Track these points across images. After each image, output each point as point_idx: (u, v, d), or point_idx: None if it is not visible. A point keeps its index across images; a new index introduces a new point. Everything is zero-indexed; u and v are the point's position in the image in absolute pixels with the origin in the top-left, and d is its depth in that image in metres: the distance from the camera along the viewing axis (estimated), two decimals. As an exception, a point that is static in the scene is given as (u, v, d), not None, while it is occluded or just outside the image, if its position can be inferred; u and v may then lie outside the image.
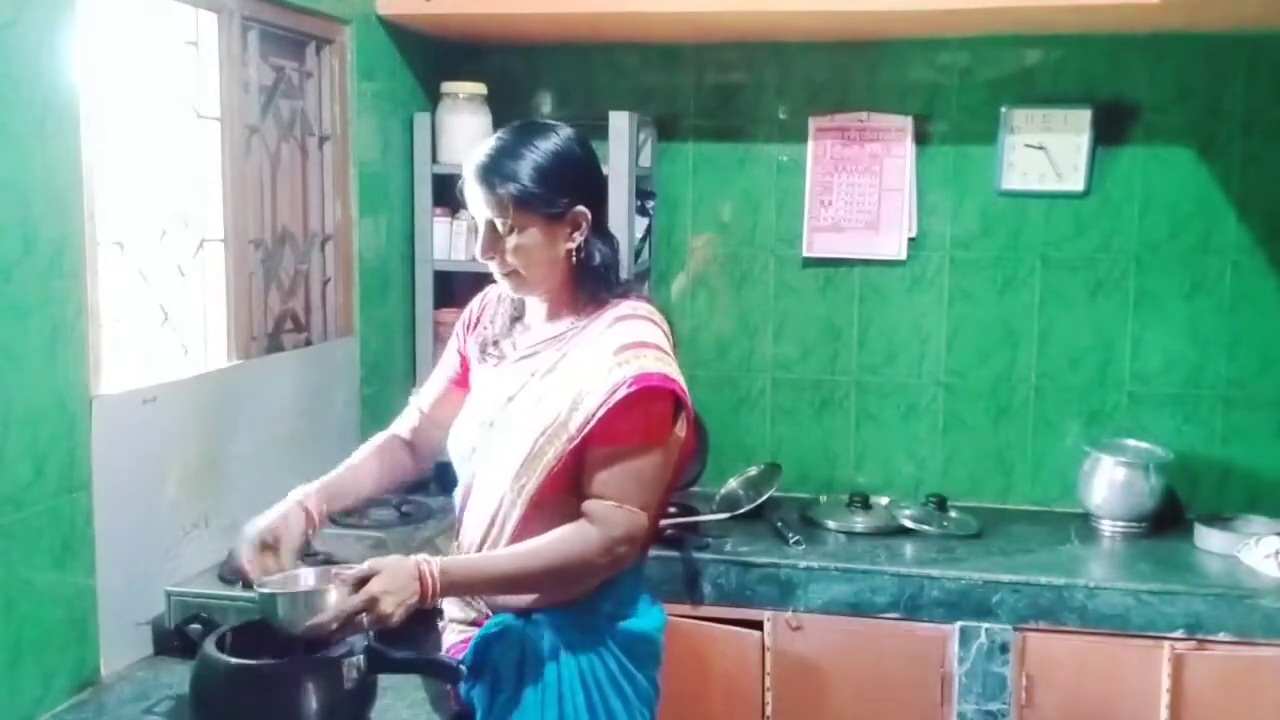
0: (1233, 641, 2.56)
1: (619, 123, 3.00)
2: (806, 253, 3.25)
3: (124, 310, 2.21)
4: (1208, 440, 3.11)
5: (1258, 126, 3.01)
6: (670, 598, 2.63)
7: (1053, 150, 3.08)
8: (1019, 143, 3.10)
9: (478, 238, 1.80)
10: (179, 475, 2.21)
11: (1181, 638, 2.58)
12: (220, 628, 1.81)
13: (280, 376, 2.58)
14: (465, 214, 1.85)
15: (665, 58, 3.27)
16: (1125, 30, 3.00)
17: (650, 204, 3.27)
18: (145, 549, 2.12)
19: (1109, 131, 3.07)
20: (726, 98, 3.27)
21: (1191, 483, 3.10)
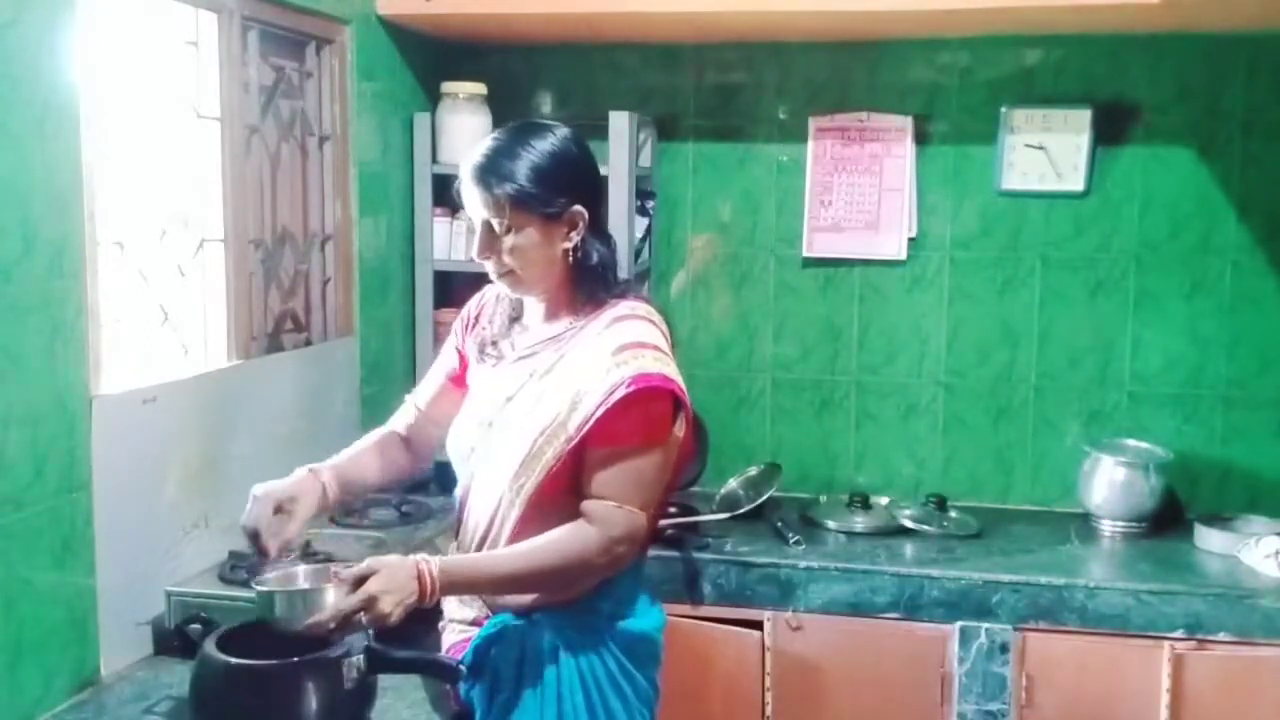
0: (1233, 641, 2.56)
1: (619, 123, 3.00)
2: (806, 253, 3.25)
3: (124, 310, 2.21)
4: (1208, 440, 3.11)
5: (1258, 126, 3.01)
6: (670, 598, 2.63)
7: (1053, 150, 3.08)
8: (1019, 143, 3.10)
9: (475, 238, 1.80)
10: (179, 475, 2.21)
11: (1181, 638, 2.58)
12: (220, 628, 1.80)
13: (280, 376, 2.58)
14: (465, 214, 1.84)
15: (665, 58, 3.27)
16: (1125, 30, 3.00)
17: (650, 204, 3.27)
18: (145, 549, 2.12)
19: (1109, 131, 3.07)
20: (726, 98, 3.27)
21: (1191, 483, 3.10)
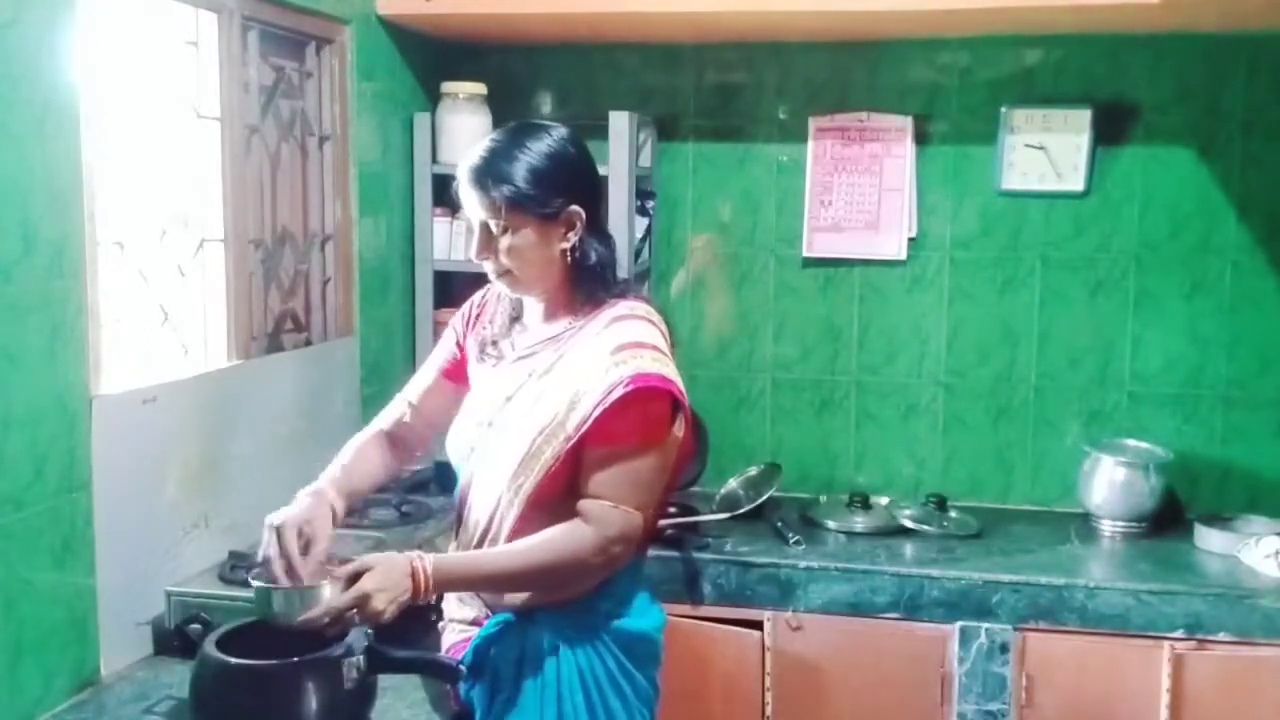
0: (1233, 641, 2.56)
1: (619, 123, 3.00)
2: (806, 253, 3.25)
3: (124, 310, 2.21)
4: (1208, 440, 3.11)
5: (1258, 126, 3.01)
6: (670, 598, 2.63)
7: (1053, 150, 3.08)
8: (1019, 143, 3.10)
9: (472, 239, 1.80)
10: (179, 475, 2.21)
11: (1181, 638, 2.58)
12: (220, 628, 1.80)
13: (280, 376, 2.58)
14: (464, 214, 1.84)
15: (665, 58, 3.27)
16: (1125, 30, 3.00)
17: (650, 204, 3.27)
18: (145, 549, 2.12)
19: (1109, 131, 3.07)
20: (726, 98, 3.27)
21: (1191, 483, 3.10)
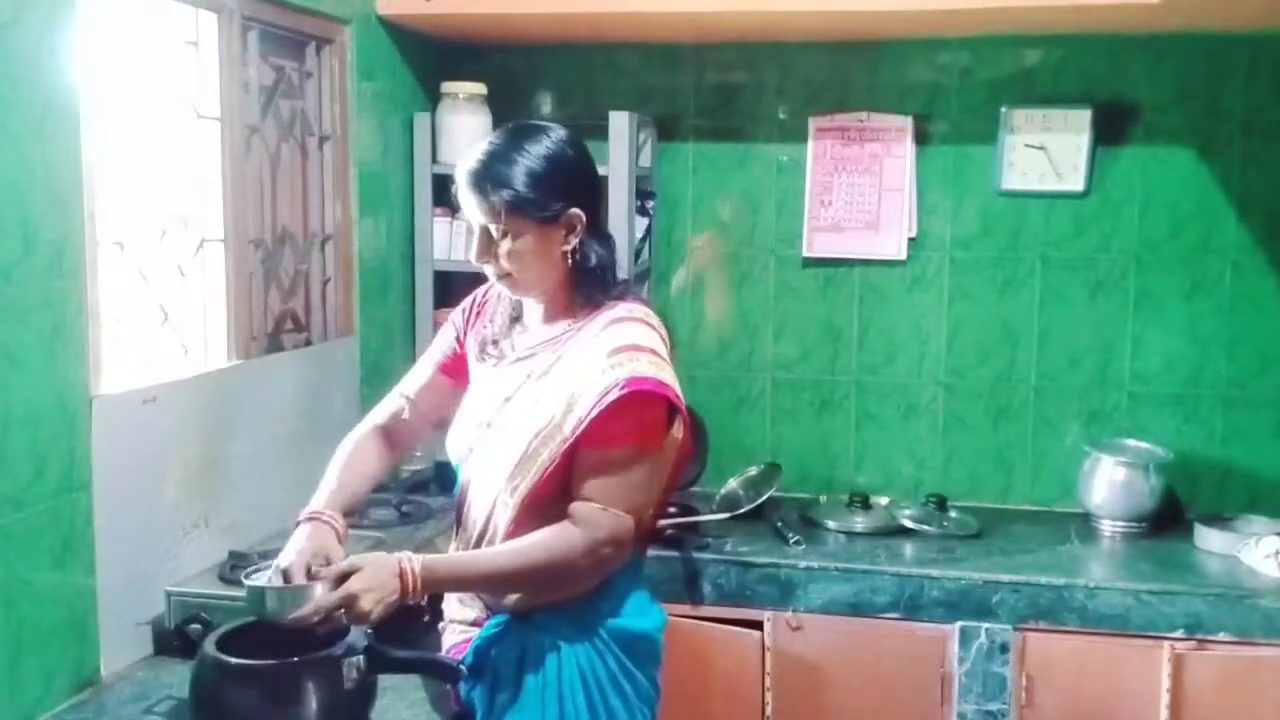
0: (1233, 641, 2.56)
1: (619, 123, 3.00)
2: (806, 253, 3.25)
3: (124, 310, 2.21)
4: (1208, 440, 3.11)
5: (1258, 126, 3.01)
6: (670, 598, 2.63)
7: (1053, 150, 3.08)
8: (1019, 143, 3.10)
9: (472, 242, 1.80)
10: (179, 475, 2.21)
11: (1181, 638, 2.58)
12: (220, 628, 1.80)
13: (280, 376, 2.58)
14: (464, 216, 1.85)
15: (665, 58, 3.27)
16: (1125, 30, 3.00)
17: (650, 204, 3.27)
18: (145, 549, 2.12)
19: (1109, 131, 3.07)
20: (726, 98, 3.27)
21: (1191, 483, 3.10)
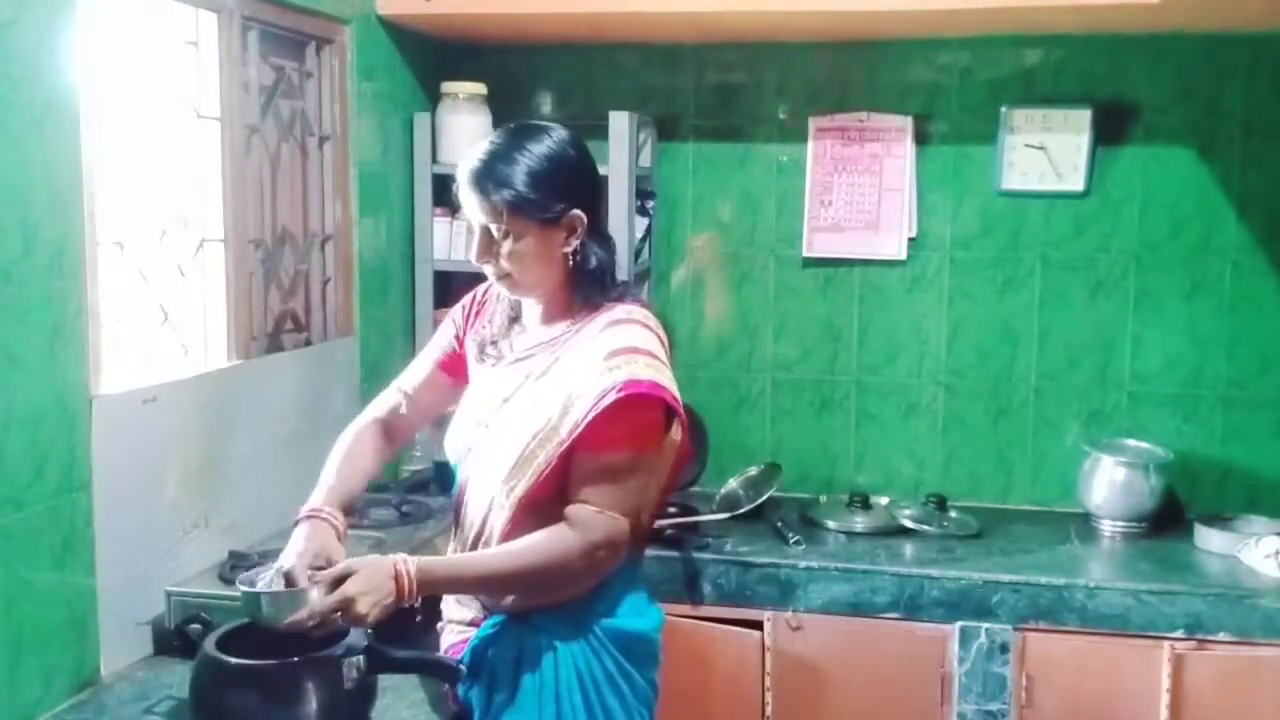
0: (1233, 641, 2.56)
1: (619, 123, 3.00)
2: (806, 253, 3.25)
3: (124, 310, 2.21)
4: (1208, 440, 3.11)
5: (1258, 126, 3.01)
6: (670, 598, 2.64)
7: (1053, 150, 3.08)
8: (1019, 143, 3.10)
9: (472, 242, 1.79)
10: (179, 475, 2.21)
11: (1181, 638, 2.58)
12: (220, 628, 1.80)
13: (280, 376, 2.58)
14: (464, 215, 1.84)
15: (665, 58, 3.27)
16: (1125, 30, 3.00)
17: (650, 204, 3.27)
18: (145, 549, 2.12)
19: (1109, 131, 3.07)
20: (726, 98, 3.27)
21: (1191, 483, 3.10)
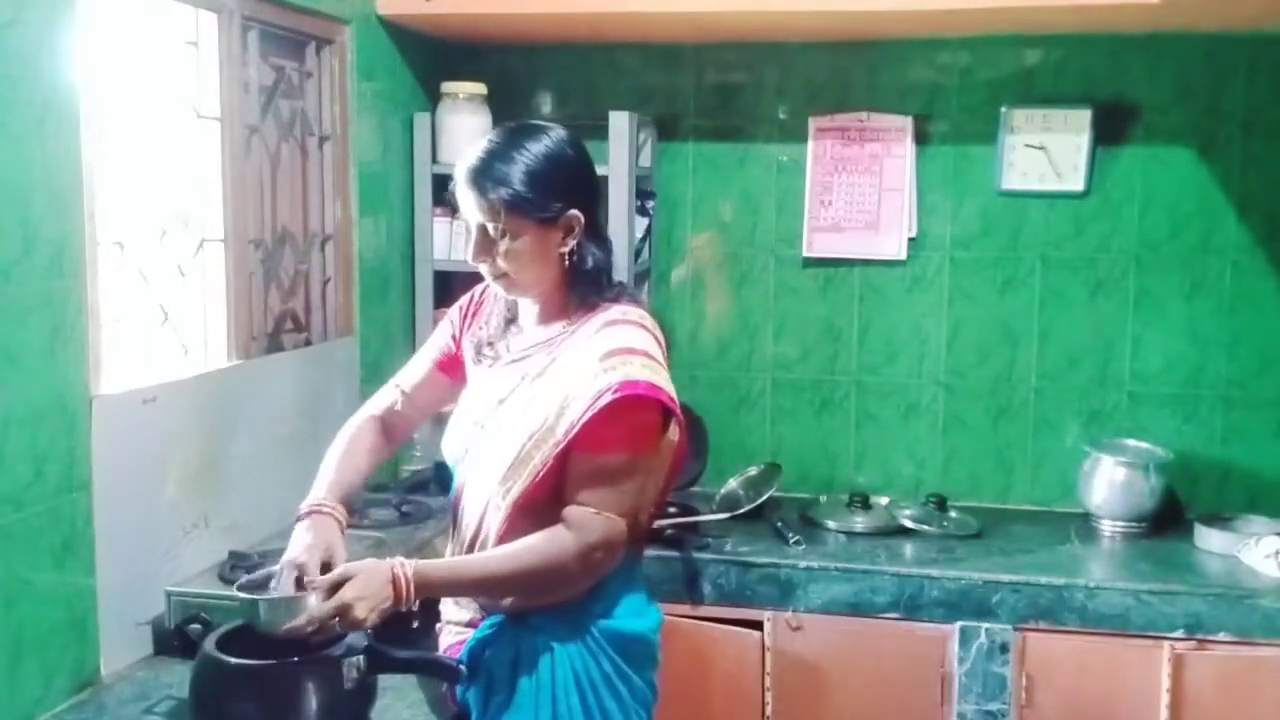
0: (1233, 641, 2.56)
1: (619, 123, 3.00)
2: (806, 253, 3.25)
3: (124, 310, 2.21)
4: (1208, 440, 3.11)
5: (1258, 126, 3.01)
6: (670, 598, 2.64)
7: (1053, 150, 3.08)
8: (1019, 143, 3.10)
9: (469, 241, 1.79)
10: (179, 475, 2.21)
11: (1181, 638, 2.58)
12: (220, 628, 1.80)
13: (280, 376, 2.58)
14: (461, 215, 1.84)
15: (665, 58, 3.27)
16: (1125, 30, 3.00)
17: (650, 204, 3.27)
18: (145, 549, 2.12)
19: (1109, 131, 3.07)
20: (726, 98, 3.27)
21: (1191, 483, 3.10)
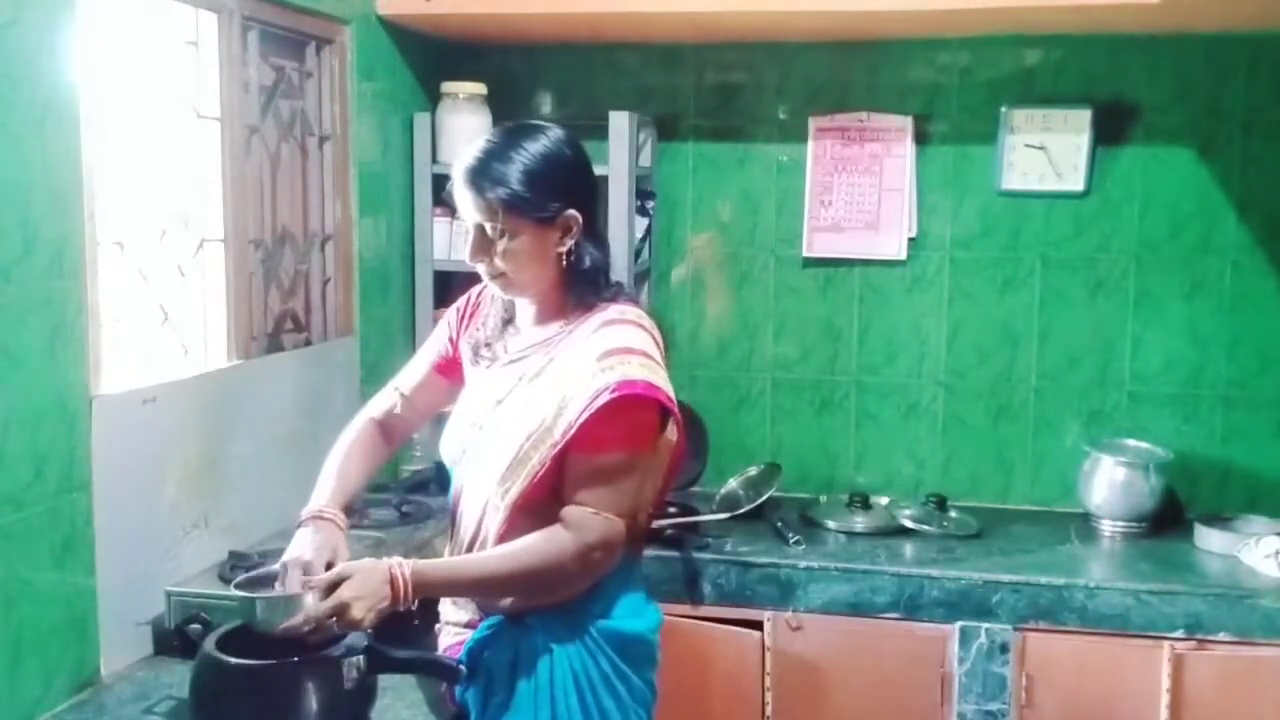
0: (1233, 641, 2.56)
1: (619, 123, 3.00)
2: (806, 253, 3.25)
3: (124, 310, 2.21)
4: (1208, 440, 3.11)
5: (1258, 126, 3.01)
6: (670, 598, 2.64)
7: (1053, 150, 3.08)
8: (1019, 143, 3.10)
9: (467, 241, 1.79)
10: (179, 475, 2.21)
11: (1181, 638, 2.58)
12: (220, 628, 1.80)
13: (280, 376, 2.58)
14: (459, 213, 1.84)
15: (665, 58, 3.27)
16: (1125, 30, 3.00)
17: (650, 204, 3.27)
18: (145, 549, 2.12)
19: (1109, 131, 3.07)
20: (726, 98, 3.27)
21: (1191, 483, 3.10)
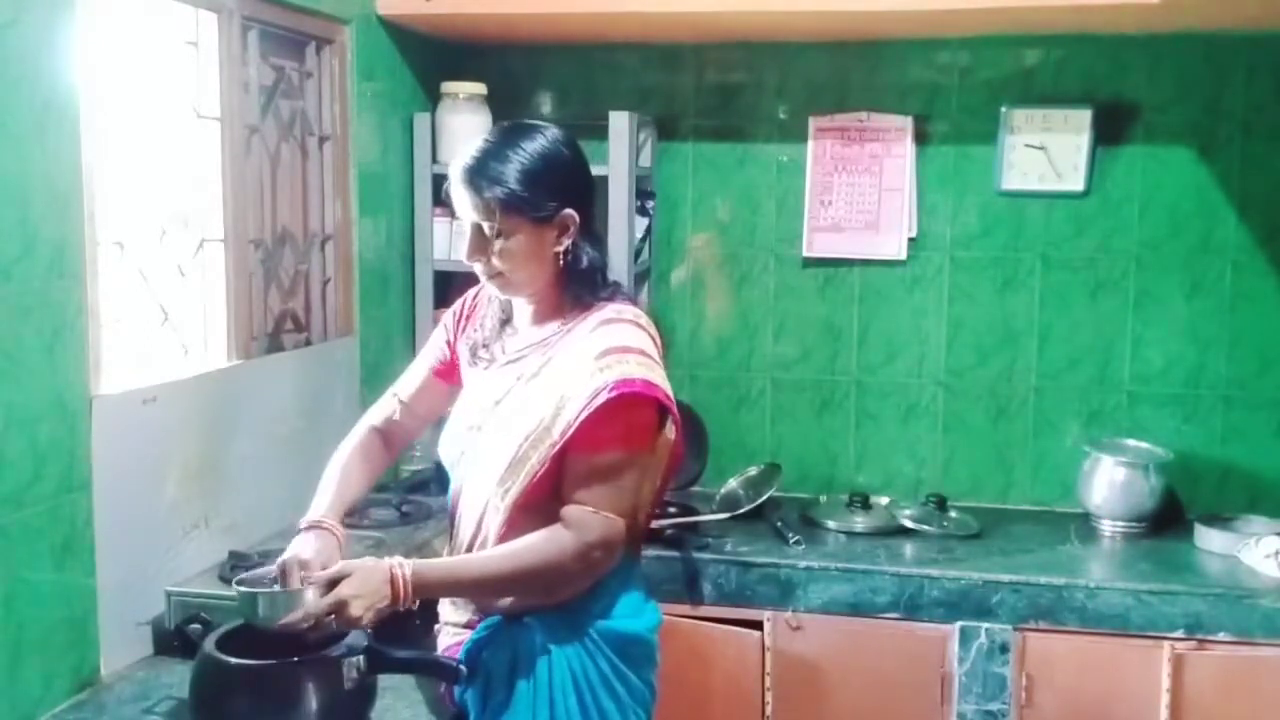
0: (1233, 641, 2.56)
1: (619, 123, 3.00)
2: (806, 253, 3.25)
3: (124, 310, 2.21)
4: (1208, 440, 3.11)
5: (1258, 126, 3.01)
6: (670, 598, 2.64)
7: (1053, 150, 3.08)
8: (1019, 143, 3.10)
9: (464, 240, 1.79)
10: (179, 475, 2.21)
11: (1181, 638, 2.58)
12: (220, 628, 1.80)
13: (280, 376, 2.58)
14: (456, 213, 1.84)
15: (665, 58, 3.27)
16: (1125, 30, 3.00)
17: (650, 204, 3.27)
18: (145, 549, 2.12)
19: (1109, 131, 3.07)
20: (726, 98, 3.27)
21: (1191, 483, 3.10)
